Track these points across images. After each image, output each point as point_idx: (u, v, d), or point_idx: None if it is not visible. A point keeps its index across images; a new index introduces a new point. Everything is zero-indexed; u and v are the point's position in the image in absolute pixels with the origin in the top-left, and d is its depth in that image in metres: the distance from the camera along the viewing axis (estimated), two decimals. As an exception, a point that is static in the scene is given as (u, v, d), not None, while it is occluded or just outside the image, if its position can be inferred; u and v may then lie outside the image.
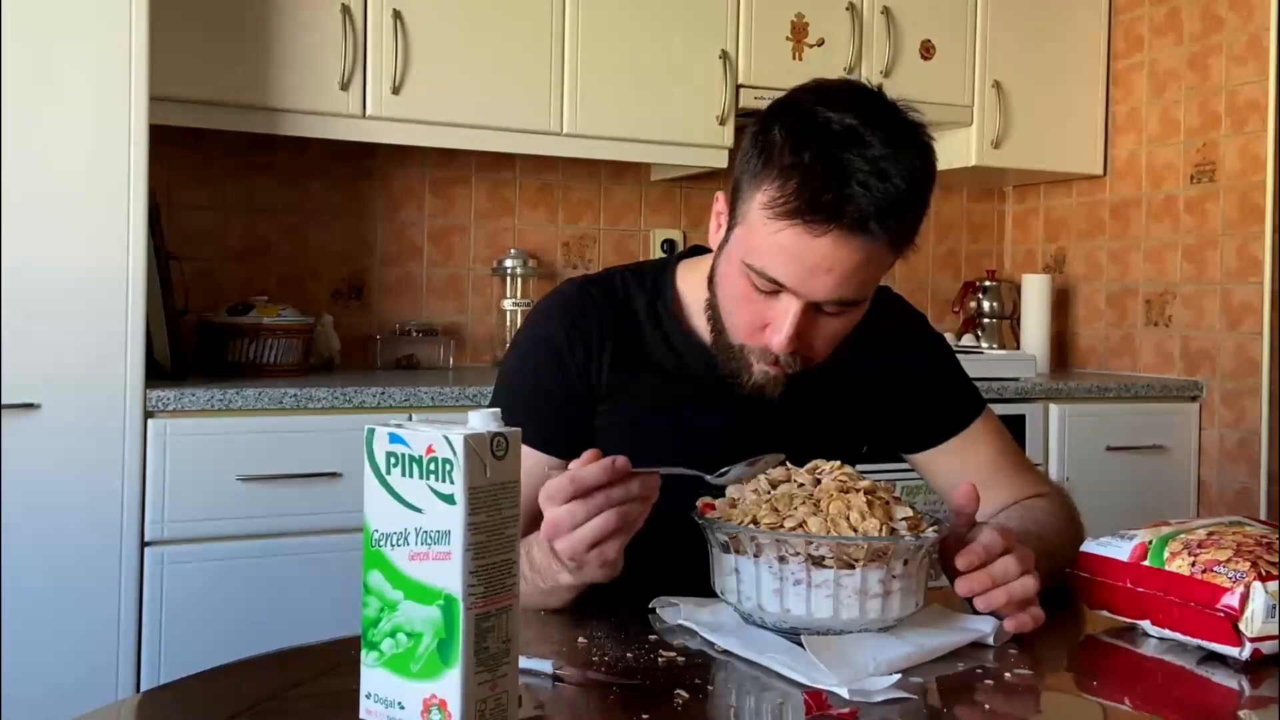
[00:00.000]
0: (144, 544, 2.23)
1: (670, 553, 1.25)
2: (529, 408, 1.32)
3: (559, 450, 1.28)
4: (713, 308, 1.30)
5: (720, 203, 1.29)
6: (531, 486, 1.15)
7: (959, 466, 1.45)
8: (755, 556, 1.05)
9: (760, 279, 1.19)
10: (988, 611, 1.11)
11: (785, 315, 1.20)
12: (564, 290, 1.39)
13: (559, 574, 1.10)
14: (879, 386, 1.43)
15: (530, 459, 1.23)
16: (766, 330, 1.22)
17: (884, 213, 1.14)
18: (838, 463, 1.15)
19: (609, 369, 1.33)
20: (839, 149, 1.14)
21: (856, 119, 1.16)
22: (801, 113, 1.19)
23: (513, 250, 3.15)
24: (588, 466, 1.02)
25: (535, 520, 1.07)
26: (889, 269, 1.24)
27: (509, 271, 3.12)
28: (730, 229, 1.25)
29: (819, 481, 1.13)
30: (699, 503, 1.15)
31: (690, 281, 1.38)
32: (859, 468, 1.18)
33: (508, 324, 3.09)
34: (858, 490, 1.08)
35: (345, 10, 2.61)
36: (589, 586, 1.13)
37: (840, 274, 1.16)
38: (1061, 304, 3.61)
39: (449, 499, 0.79)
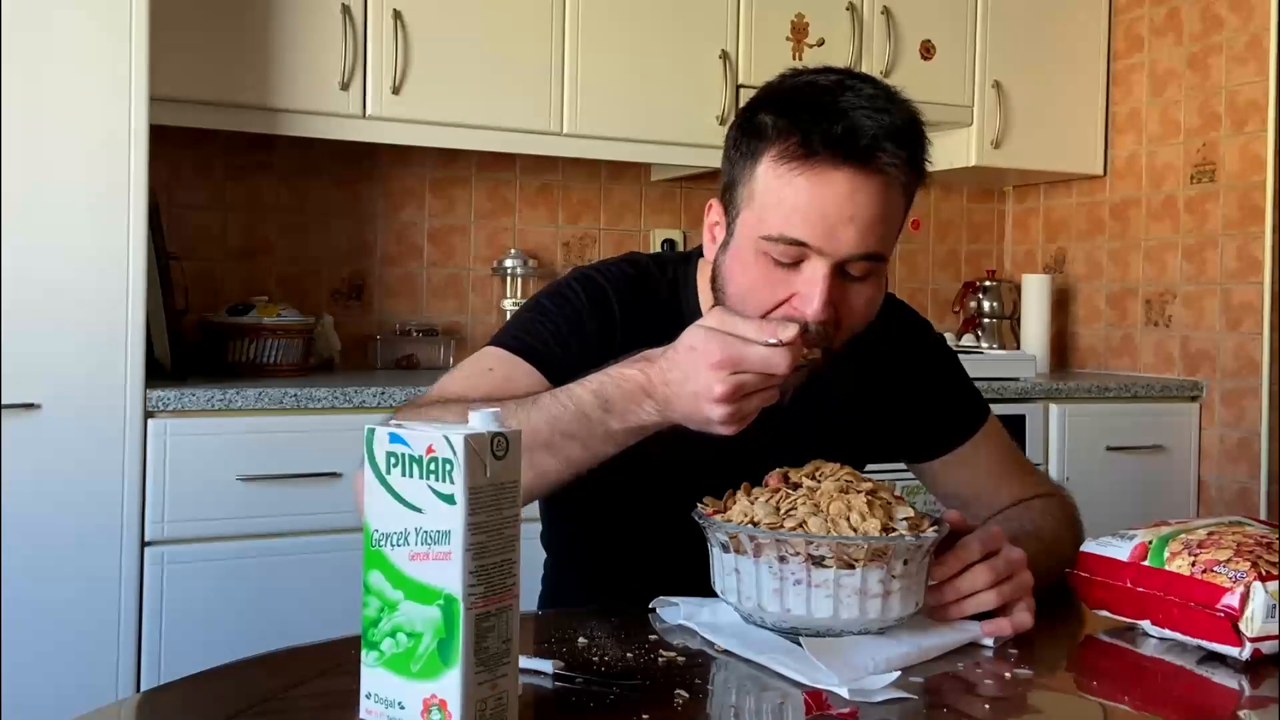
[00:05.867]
0: (144, 544, 2.24)
1: (670, 553, 1.26)
2: (546, 329, 1.29)
3: (553, 376, 1.22)
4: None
5: (714, 211, 1.27)
6: (508, 380, 1.19)
7: (964, 475, 1.45)
8: (755, 556, 1.05)
9: (781, 248, 1.15)
10: (960, 619, 1.11)
11: (815, 280, 1.14)
12: (610, 267, 1.37)
13: (646, 415, 1.08)
14: (884, 396, 1.42)
15: (523, 373, 1.24)
16: (793, 300, 1.16)
17: (894, 139, 1.13)
18: (838, 464, 1.15)
19: (621, 348, 1.31)
20: (833, 96, 1.14)
21: (836, 76, 1.18)
22: (783, 89, 1.20)
23: (513, 250, 3.15)
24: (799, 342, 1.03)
25: None
26: (903, 223, 1.21)
27: (509, 271, 3.12)
28: (732, 224, 1.23)
29: (819, 482, 1.13)
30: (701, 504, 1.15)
31: (709, 276, 1.35)
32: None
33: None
34: (859, 491, 1.08)
35: (345, 10, 2.61)
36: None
37: (862, 220, 1.13)
38: (1061, 304, 3.61)
39: (449, 499, 0.79)
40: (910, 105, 1.18)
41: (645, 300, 1.34)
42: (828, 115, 1.12)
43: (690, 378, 1.04)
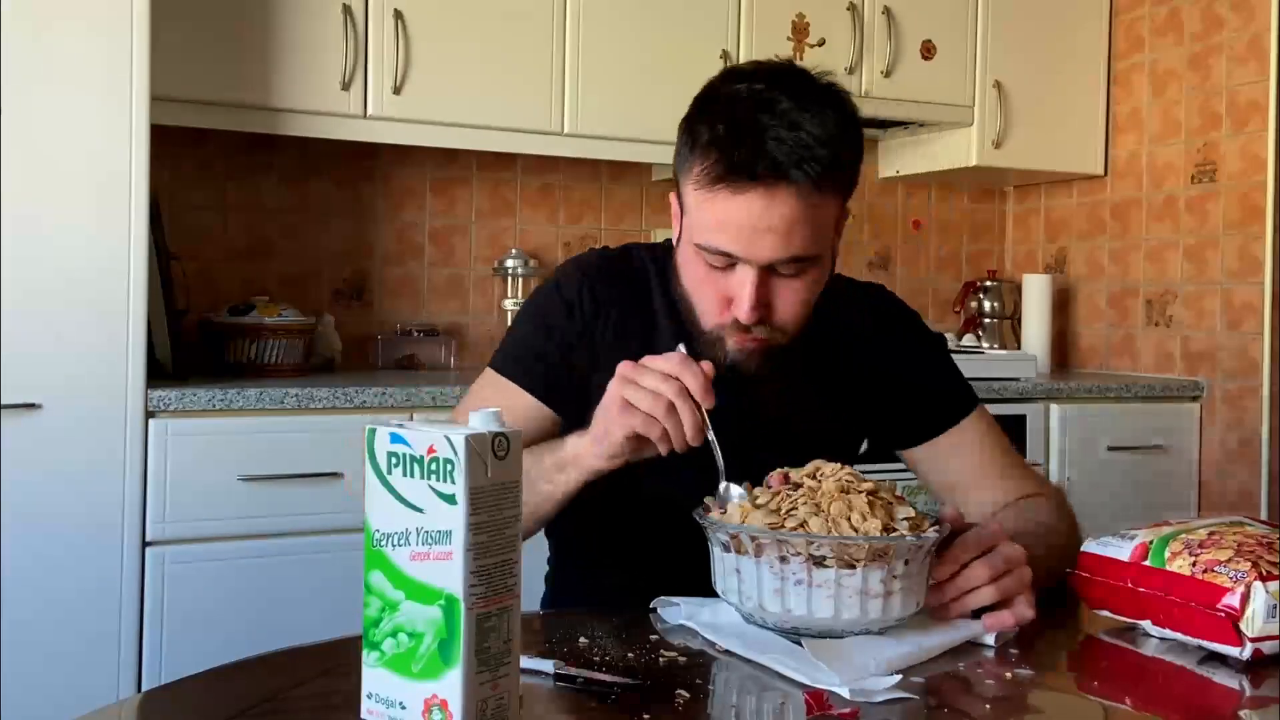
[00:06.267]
0: (145, 544, 2.24)
1: (671, 553, 1.26)
2: (527, 345, 1.39)
3: (541, 391, 1.36)
4: (681, 300, 1.34)
5: (674, 204, 1.35)
6: (512, 418, 1.25)
7: (953, 463, 1.46)
8: (756, 556, 1.05)
9: (711, 255, 1.24)
10: (960, 616, 1.11)
11: (743, 284, 1.23)
12: (586, 256, 1.46)
13: (580, 448, 1.20)
14: (874, 380, 1.45)
15: (514, 395, 1.35)
16: (732, 304, 1.25)
17: (801, 159, 1.18)
18: (839, 464, 1.15)
19: (614, 336, 1.36)
20: (747, 112, 1.20)
21: (762, 84, 1.23)
22: (712, 94, 1.27)
23: (514, 250, 3.15)
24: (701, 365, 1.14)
25: None
26: (836, 222, 1.27)
27: (510, 271, 3.12)
28: (681, 223, 1.31)
29: (820, 482, 1.13)
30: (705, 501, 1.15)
31: None
32: (858, 468, 1.18)
33: (509, 324, 3.09)
34: (860, 491, 1.08)
35: (346, 10, 2.61)
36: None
37: (780, 230, 1.20)
38: (1062, 304, 3.61)
39: (450, 499, 0.80)
40: (833, 108, 1.22)
41: (623, 285, 1.41)
42: (739, 134, 1.19)
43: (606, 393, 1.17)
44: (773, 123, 1.18)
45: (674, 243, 1.37)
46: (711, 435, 1.16)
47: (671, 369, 1.13)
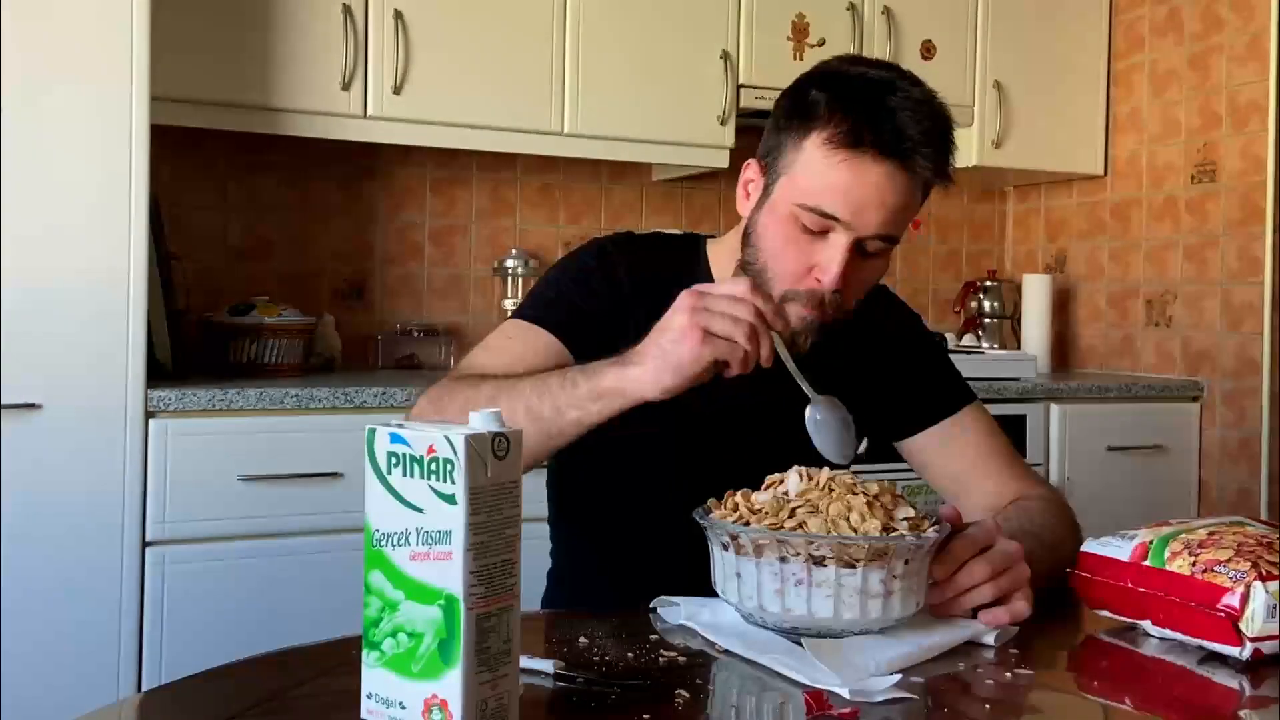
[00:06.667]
0: (145, 544, 2.24)
1: (671, 553, 1.26)
2: (563, 298, 1.40)
3: (571, 341, 1.35)
4: (746, 269, 1.34)
5: (752, 169, 1.36)
6: (534, 355, 1.31)
7: (951, 454, 1.48)
8: (756, 557, 1.05)
9: (813, 218, 1.26)
10: (960, 614, 1.12)
11: (835, 251, 1.26)
12: (627, 236, 1.48)
13: (614, 369, 1.16)
14: (874, 374, 1.47)
15: (540, 339, 1.35)
16: (813, 270, 1.28)
17: (932, 145, 1.25)
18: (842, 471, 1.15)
19: (646, 318, 1.31)
20: (883, 93, 1.25)
21: (887, 73, 1.29)
22: (835, 74, 1.31)
23: (514, 250, 3.15)
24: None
25: None
26: (917, 212, 1.32)
27: (510, 271, 3.12)
28: (770, 185, 1.31)
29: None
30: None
31: (719, 255, 1.45)
32: (856, 469, 1.18)
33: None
34: (859, 492, 1.08)
35: (346, 10, 2.61)
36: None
37: (889, 208, 1.25)
38: (1062, 304, 3.61)
39: (450, 499, 0.80)
40: (947, 112, 1.30)
41: (654, 269, 1.42)
42: (879, 111, 1.24)
43: (665, 322, 1.15)
44: (908, 106, 1.24)
45: (744, 210, 1.37)
46: (784, 354, 1.17)
47: (742, 292, 1.13)
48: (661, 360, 1.13)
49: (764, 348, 1.13)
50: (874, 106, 1.24)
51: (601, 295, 1.39)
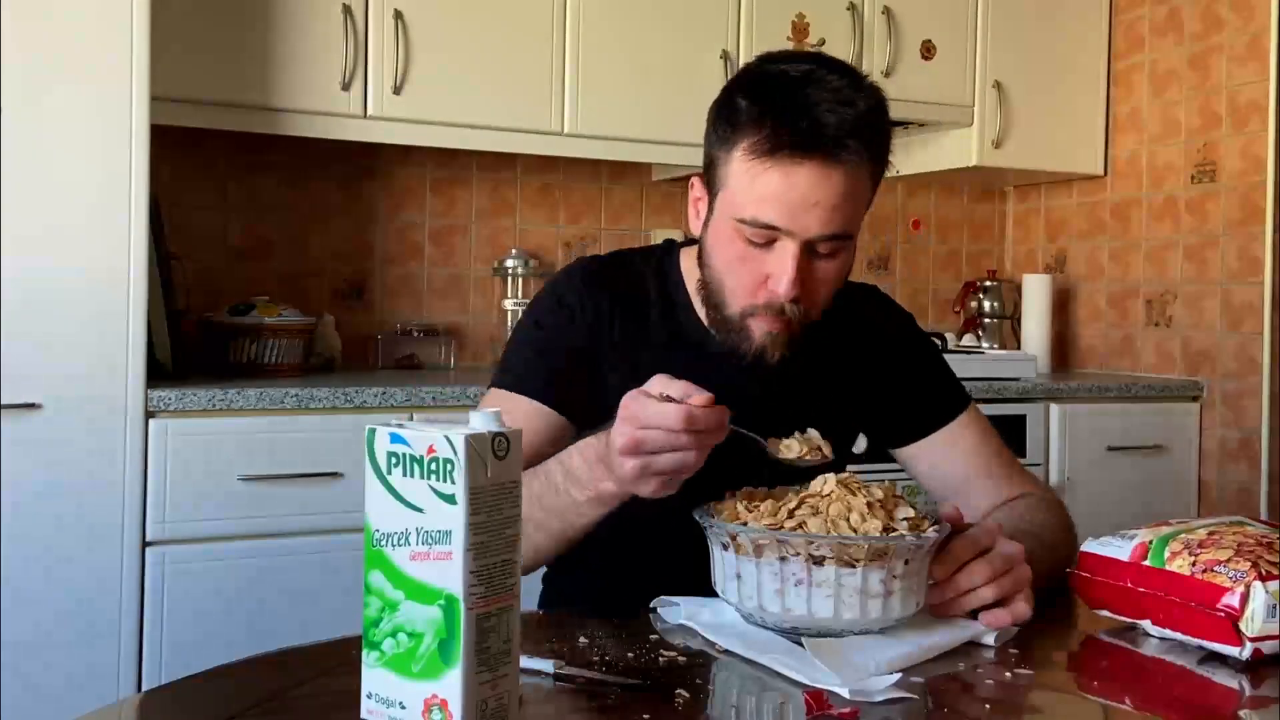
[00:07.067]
0: (145, 544, 2.24)
1: (671, 552, 1.26)
2: (533, 357, 1.38)
3: (552, 401, 1.34)
4: (706, 285, 1.33)
5: (697, 187, 1.35)
6: (523, 425, 1.21)
7: (946, 461, 1.47)
8: (756, 557, 1.05)
9: (753, 230, 1.23)
10: (960, 614, 1.12)
11: (784, 260, 1.23)
12: (583, 261, 1.46)
13: (602, 482, 1.13)
14: (867, 380, 1.46)
15: (523, 406, 1.33)
16: (768, 282, 1.25)
17: (855, 132, 1.20)
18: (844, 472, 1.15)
19: (619, 338, 1.36)
20: (800, 88, 1.22)
21: (809, 65, 1.25)
22: (757, 73, 1.28)
23: (514, 250, 3.15)
24: (705, 410, 1.04)
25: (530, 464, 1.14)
26: (870, 201, 1.28)
27: (510, 271, 3.12)
28: (712, 201, 1.30)
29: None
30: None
31: (692, 264, 1.42)
32: (853, 468, 1.19)
33: (509, 324, 3.09)
34: (858, 494, 1.08)
35: (346, 10, 2.61)
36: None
37: (827, 205, 1.21)
38: (1062, 304, 3.61)
39: (450, 499, 0.80)
40: (875, 92, 1.25)
41: (620, 286, 1.40)
42: (795, 109, 1.20)
43: (596, 461, 1.12)
44: (826, 98, 1.20)
45: (695, 229, 1.35)
46: (737, 429, 1.10)
47: (677, 426, 1.03)
48: (619, 485, 1.11)
49: (702, 458, 1.07)
50: (790, 105, 1.20)
51: (565, 336, 1.37)
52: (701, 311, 1.38)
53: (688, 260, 1.43)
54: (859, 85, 1.23)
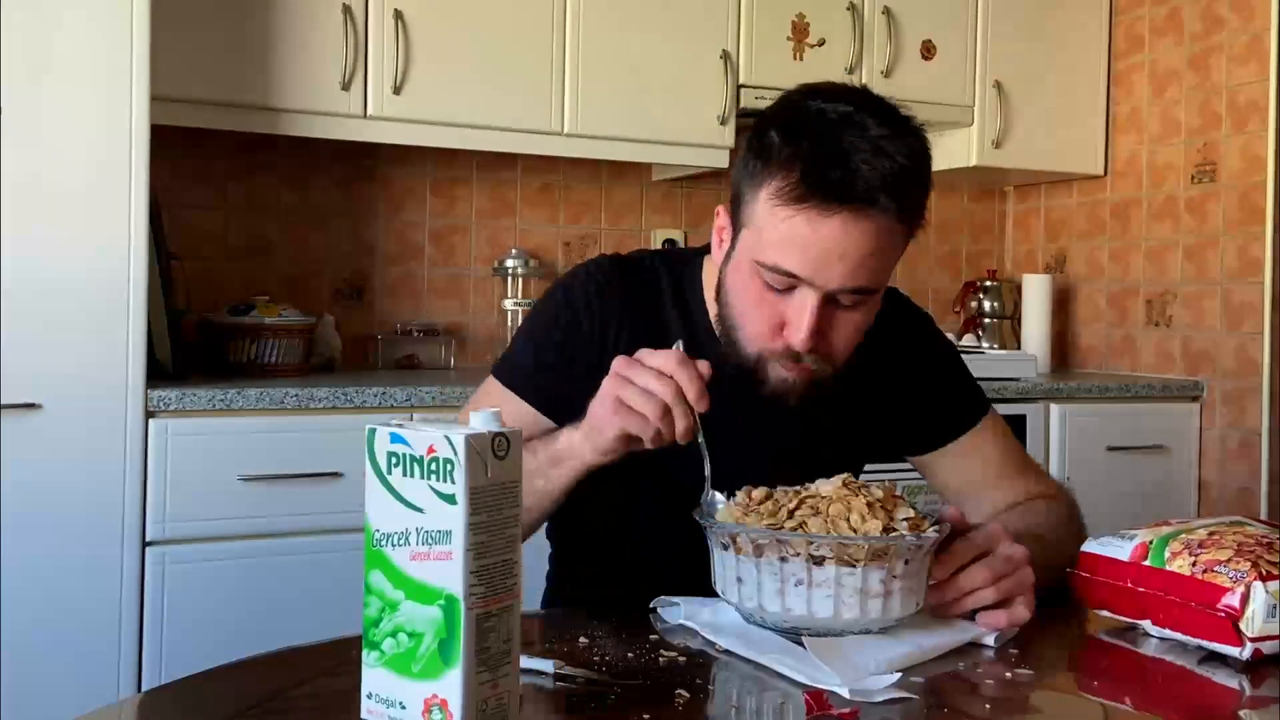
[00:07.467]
0: (145, 544, 2.24)
1: (671, 553, 1.26)
2: (530, 355, 1.37)
3: (541, 403, 1.33)
4: (723, 321, 1.29)
5: (721, 216, 1.29)
6: (514, 421, 1.25)
7: (965, 468, 1.45)
8: (756, 557, 1.05)
9: (774, 276, 1.18)
10: (960, 615, 1.12)
11: (803, 310, 1.18)
12: (599, 261, 1.40)
13: (573, 435, 1.18)
14: (885, 387, 1.42)
15: (515, 405, 1.32)
16: (785, 330, 1.21)
17: (889, 188, 1.14)
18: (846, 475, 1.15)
19: (626, 345, 1.31)
20: (837, 133, 1.15)
21: (850, 106, 1.18)
22: (795, 109, 1.21)
23: (514, 250, 3.15)
24: (688, 360, 1.11)
25: None
26: (899, 255, 1.22)
27: (510, 271, 3.12)
28: (735, 236, 1.25)
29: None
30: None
31: (714, 274, 1.37)
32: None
33: (509, 324, 3.09)
34: (858, 494, 1.08)
35: (346, 10, 2.61)
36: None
37: (853, 259, 1.16)
38: (1062, 304, 3.61)
39: (450, 499, 0.80)
40: (916, 141, 1.19)
41: (633, 294, 1.37)
42: (829, 156, 1.14)
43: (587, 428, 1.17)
44: (863, 146, 1.14)
45: (718, 256, 1.30)
46: (701, 439, 1.13)
47: (668, 368, 1.10)
48: (588, 427, 1.16)
49: (679, 425, 1.10)
50: (824, 151, 1.14)
51: (569, 341, 1.34)
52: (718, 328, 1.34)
53: (710, 268, 1.38)
54: (901, 134, 1.17)
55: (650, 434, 1.11)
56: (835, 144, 1.14)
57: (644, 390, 1.10)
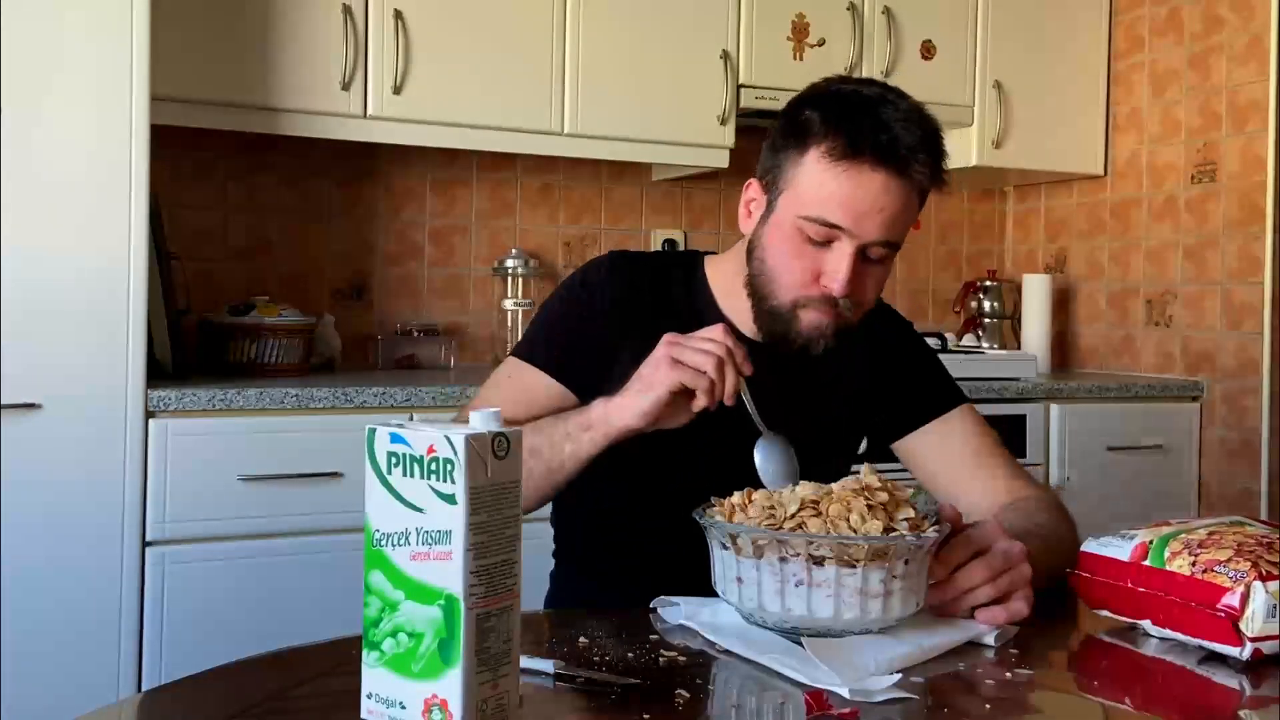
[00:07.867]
0: (145, 544, 2.23)
1: (671, 552, 1.26)
2: (552, 333, 1.45)
3: (563, 377, 1.41)
4: (753, 282, 1.38)
5: (754, 188, 1.40)
6: (530, 404, 1.37)
7: (942, 454, 1.49)
8: (756, 557, 1.05)
9: (816, 228, 1.30)
10: (960, 614, 1.12)
11: (842, 258, 1.30)
12: (611, 254, 1.50)
13: (627, 413, 1.24)
14: (869, 377, 1.50)
15: (533, 376, 1.41)
16: (821, 279, 1.32)
17: (926, 150, 1.30)
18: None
19: (642, 331, 1.37)
20: (874, 106, 1.30)
21: (877, 90, 1.34)
22: (828, 93, 1.35)
23: (514, 250, 3.15)
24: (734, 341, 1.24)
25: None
26: (916, 218, 1.37)
27: (510, 271, 3.12)
28: (773, 201, 1.36)
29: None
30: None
31: (719, 273, 1.47)
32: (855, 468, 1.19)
33: (509, 324, 3.09)
34: (859, 495, 1.08)
35: (346, 10, 2.61)
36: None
37: (889, 214, 1.29)
38: (1062, 304, 3.61)
39: (450, 499, 0.80)
40: (937, 123, 1.34)
41: (647, 282, 1.46)
42: (873, 123, 1.29)
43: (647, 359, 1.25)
44: (898, 117, 1.29)
45: (746, 229, 1.41)
46: (747, 396, 1.25)
47: (716, 335, 1.23)
48: (638, 385, 1.23)
49: (729, 383, 1.22)
50: (868, 119, 1.29)
51: (590, 326, 1.42)
52: (725, 312, 1.43)
53: (712, 268, 1.48)
54: (923, 115, 1.33)
55: (704, 384, 1.21)
56: (875, 115, 1.29)
57: (698, 349, 1.22)
